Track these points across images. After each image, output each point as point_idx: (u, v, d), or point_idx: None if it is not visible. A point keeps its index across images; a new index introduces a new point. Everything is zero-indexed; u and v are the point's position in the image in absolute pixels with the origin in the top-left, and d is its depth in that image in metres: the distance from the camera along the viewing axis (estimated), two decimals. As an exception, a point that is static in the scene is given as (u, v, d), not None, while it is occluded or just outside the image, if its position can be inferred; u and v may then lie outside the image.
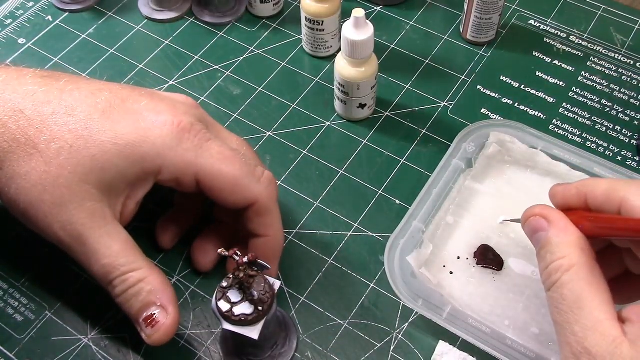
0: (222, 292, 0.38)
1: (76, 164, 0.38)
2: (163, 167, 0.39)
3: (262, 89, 0.60)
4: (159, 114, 0.40)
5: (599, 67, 0.61)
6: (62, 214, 0.38)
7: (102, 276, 0.39)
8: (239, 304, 0.37)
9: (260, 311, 0.37)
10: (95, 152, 0.38)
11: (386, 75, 0.61)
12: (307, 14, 0.59)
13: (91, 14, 0.67)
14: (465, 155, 0.52)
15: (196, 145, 0.40)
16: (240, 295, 0.37)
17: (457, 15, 0.65)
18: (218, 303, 0.37)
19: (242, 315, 0.37)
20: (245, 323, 0.37)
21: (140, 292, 0.39)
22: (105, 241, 0.39)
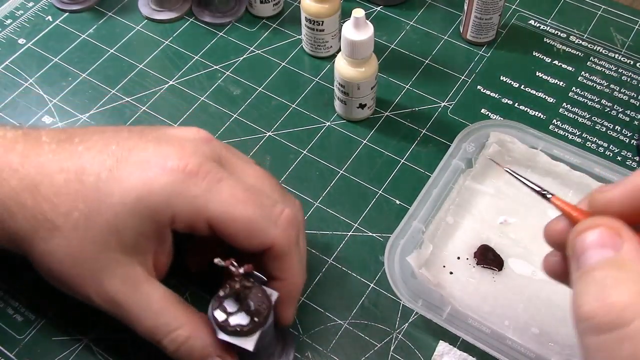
0: (218, 301, 0.38)
1: (95, 233, 0.38)
2: (175, 216, 0.38)
3: (262, 89, 0.60)
4: (165, 159, 0.39)
5: (599, 67, 0.61)
6: (95, 285, 0.38)
7: (149, 338, 0.39)
8: (235, 314, 0.37)
9: (256, 322, 0.37)
10: (108, 216, 0.38)
11: (386, 75, 0.61)
12: (307, 14, 0.59)
13: (91, 14, 0.67)
14: (465, 155, 0.52)
15: (205, 189, 0.38)
16: (236, 305, 0.37)
17: (457, 15, 0.65)
18: (214, 312, 0.37)
19: (237, 326, 0.37)
20: (240, 334, 0.37)
21: (192, 349, 0.38)
22: (143, 304, 0.38)
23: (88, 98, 0.60)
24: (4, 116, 0.58)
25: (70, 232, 0.38)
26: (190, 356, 0.38)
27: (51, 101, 0.59)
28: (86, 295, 0.39)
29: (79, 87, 0.60)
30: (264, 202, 0.40)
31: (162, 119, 0.58)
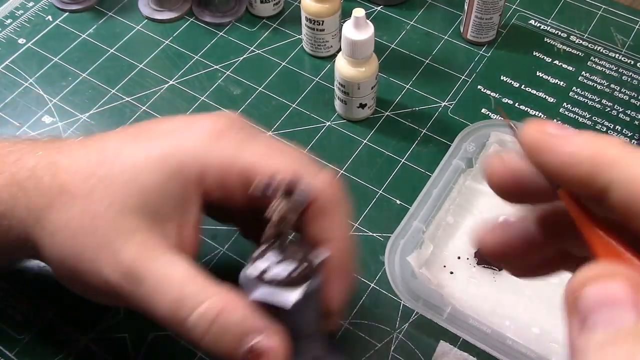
0: (252, 260, 0.31)
1: (112, 195, 0.33)
2: (204, 172, 0.34)
3: (262, 89, 0.60)
4: (194, 122, 0.35)
5: (600, 67, 0.61)
6: (109, 256, 0.32)
7: (172, 317, 0.31)
8: (272, 268, 0.30)
9: (298, 274, 0.29)
10: (129, 175, 0.33)
11: (386, 75, 0.61)
12: (308, 14, 0.59)
13: (91, 14, 0.67)
14: (466, 155, 0.52)
15: (238, 140, 0.34)
16: (274, 258, 0.30)
17: (457, 15, 0.65)
18: (246, 270, 0.30)
19: (275, 276, 0.29)
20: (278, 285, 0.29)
21: (228, 326, 0.30)
22: (164, 273, 0.32)
23: (88, 98, 0.60)
24: (4, 116, 0.58)
25: (86, 197, 0.33)
26: (225, 336, 0.30)
27: (51, 101, 0.59)
28: (98, 272, 0.32)
29: (79, 87, 0.60)
30: (304, 157, 0.35)
31: (162, 119, 0.58)
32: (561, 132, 0.23)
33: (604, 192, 0.22)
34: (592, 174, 0.22)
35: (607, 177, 0.22)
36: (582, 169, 0.22)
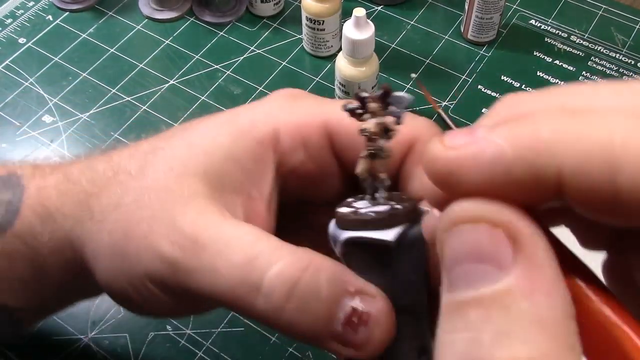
0: (345, 204, 0.25)
1: (171, 159, 0.28)
2: (279, 130, 0.28)
3: (262, 89, 0.60)
4: (268, 96, 0.31)
5: (600, 67, 0.61)
6: (165, 225, 0.26)
7: (241, 285, 0.24)
8: (368, 208, 0.25)
9: (399, 210, 0.24)
10: (194, 138, 0.28)
11: (387, 74, 0.60)
12: (308, 14, 0.59)
13: (91, 13, 0.67)
14: (466, 155, 0.52)
15: (317, 99, 0.30)
16: (370, 203, 0.25)
17: (457, 15, 0.65)
18: (338, 210, 0.25)
19: (371, 213, 0.24)
20: (376, 223, 0.24)
21: (318, 282, 0.23)
22: (230, 235, 0.25)
23: (88, 97, 0.60)
24: (4, 115, 0.58)
25: (141, 169, 0.29)
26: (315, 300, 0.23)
27: (51, 100, 0.59)
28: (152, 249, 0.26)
29: (79, 87, 0.60)
30: None
31: (163, 119, 0.58)
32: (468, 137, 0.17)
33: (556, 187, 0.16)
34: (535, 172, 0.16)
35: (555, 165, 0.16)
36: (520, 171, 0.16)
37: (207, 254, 0.25)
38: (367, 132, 0.24)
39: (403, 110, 0.25)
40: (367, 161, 0.25)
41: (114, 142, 0.56)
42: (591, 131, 0.16)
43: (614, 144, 0.15)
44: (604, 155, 0.15)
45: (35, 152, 0.56)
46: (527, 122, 0.17)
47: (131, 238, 0.27)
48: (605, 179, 0.15)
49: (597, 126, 0.16)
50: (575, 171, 0.16)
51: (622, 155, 0.15)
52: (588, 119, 0.16)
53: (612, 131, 0.15)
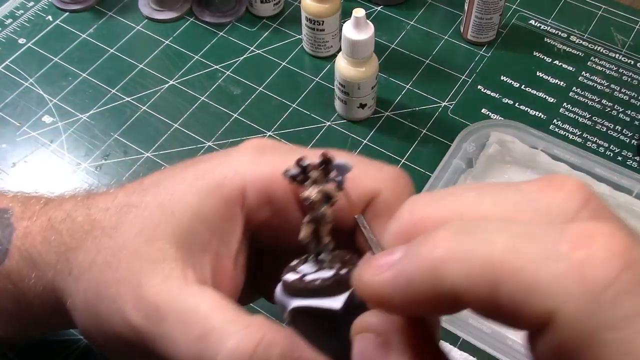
0: (290, 269, 0.27)
1: (142, 221, 0.29)
2: (246, 188, 0.29)
3: (262, 89, 0.60)
4: (240, 145, 0.31)
5: (600, 67, 0.61)
6: (131, 291, 0.27)
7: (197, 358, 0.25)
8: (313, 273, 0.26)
9: (344, 274, 0.24)
10: (163, 199, 0.29)
11: (386, 75, 0.61)
12: (308, 14, 0.59)
13: (91, 13, 0.67)
14: (466, 155, 0.52)
15: (284, 151, 0.30)
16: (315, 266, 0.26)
17: (457, 15, 0.65)
18: (284, 277, 0.26)
19: (317, 280, 0.25)
20: (322, 291, 0.25)
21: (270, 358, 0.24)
22: (188, 306, 0.26)
23: (88, 98, 0.60)
24: (4, 116, 0.58)
25: (115, 229, 0.29)
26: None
27: (51, 101, 0.59)
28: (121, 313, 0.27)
29: (79, 87, 0.60)
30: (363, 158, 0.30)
31: (162, 119, 0.58)
32: (388, 259, 0.20)
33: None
34: (436, 291, 0.19)
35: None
36: (425, 290, 0.19)
37: (167, 325, 0.26)
38: (309, 200, 0.25)
39: (344, 177, 0.25)
40: (310, 226, 0.26)
41: (112, 144, 0.56)
42: (475, 250, 0.18)
43: (494, 261, 0.17)
44: (486, 273, 0.17)
45: (35, 152, 0.56)
46: (427, 244, 0.19)
47: (102, 300, 0.28)
48: (488, 293, 0.17)
49: (480, 245, 0.18)
50: (465, 287, 0.18)
51: (500, 272, 0.17)
52: (474, 238, 0.18)
53: (492, 250, 0.18)
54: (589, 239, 0.17)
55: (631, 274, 0.17)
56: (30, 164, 0.55)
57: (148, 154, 0.56)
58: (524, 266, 0.17)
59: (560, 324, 0.17)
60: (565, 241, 0.17)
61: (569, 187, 0.20)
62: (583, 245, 0.17)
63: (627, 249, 0.17)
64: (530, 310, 0.17)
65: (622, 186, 0.50)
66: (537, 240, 0.18)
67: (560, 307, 0.17)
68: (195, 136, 0.57)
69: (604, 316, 0.17)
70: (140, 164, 0.55)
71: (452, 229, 0.19)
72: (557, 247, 0.17)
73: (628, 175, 0.51)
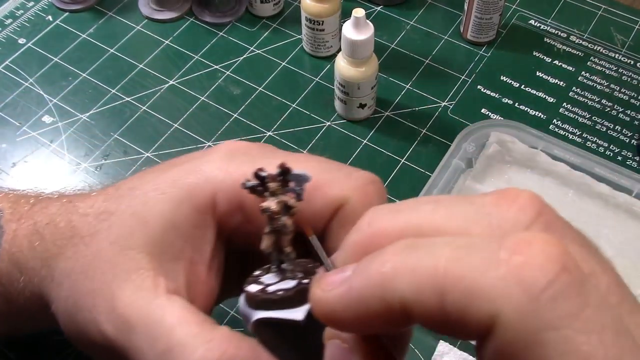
0: (253, 279, 0.27)
1: (117, 229, 0.29)
2: (217, 195, 0.29)
3: (262, 89, 0.60)
4: (212, 148, 0.31)
5: (600, 67, 0.61)
6: (104, 301, 0.28)
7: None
8: (276, 284, 0.26)
9: (306, 284, 0.24)
10: (137, 207, 0.29)
11: (386, 75, 0.61)
12: (307, 14, 0.59)
13: (91, 14, 0.67)
14: (466, 155, 0.52)
15: (254, 155, 0.30)
16: (277, 277, 0.26)
17: (457, 15, 0.65)
18: (246, 288, 0.26)
19: (279, 290, 0.25)
20: (285, 302, 0.25)
21: None
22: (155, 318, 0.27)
23: (88, 98, 0.60)
24: (4, 116, 0.58)
25: (92, 237, 0.30)
26: None
27: (51, 101, 0.59)
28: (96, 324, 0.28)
29: (79, 87, 0.60)
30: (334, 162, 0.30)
31: (162, 119, 0.58)
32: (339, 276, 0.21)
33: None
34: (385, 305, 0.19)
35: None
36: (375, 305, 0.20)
37: (136, 337, 0.26)
38: (269, 211, 0.25)
39: (303, 188, 0.25)
40: (271, 237, 0.25)
41: (112, 145, 0.56)
42: (421, 262, 0.19)
43: (438, 272, 0.18)
44: (432, 283, 0.18)
45: (35, 152, 0.56)
46: (376, 260, 0.20)
47: (80, 309, 0.29)
48: (435, 304, 0.18)
49: (425, 257, 0.19)
50: (413, 299, 0.18)
51: (444, 281, 0.18)
52: (421, 252, 0.19)
53: (437, 261, 0.18)
54: (527, 245, 0.18)
55: (568, 276, 0.18)
56: (30, 164, 0.56)
57: (148, 154, 0.56)
58: (466, 274, 0.18)
59: (503, 327, 0.17)
60: (505, 248, 0.18)
61: (521, 200, 0.20)
62: (521, 251, 0.18)
63: (563, 253, 0.18)
64: (474, 316, 0.18)
65: (622, 186, 0.50)
66: (479, 249, 0.18)
67: (502, 310, 0.17)
68: (195, 136, 0.57)
69: (543, 317, 0.17)
70: (140, 164, 0.55)
71: (400, 245, 0.20)
72: (497, 254, 0.18)
73: (628, 175, 0.51)
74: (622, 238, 0.48)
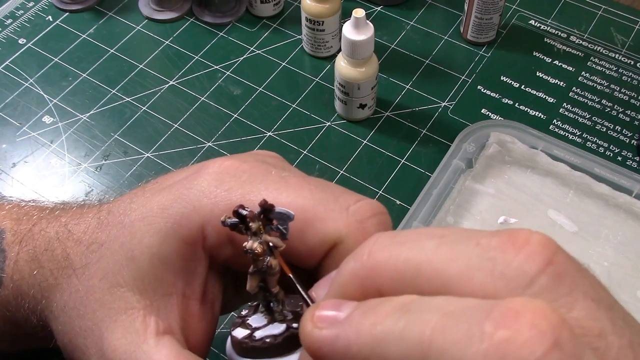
0: (240, 320, 0.26)
1: (107, 265, 0.28)
2: (205, 225, 0.27)
3: (262, 89, 0.60)
4: (202, 167, 0.29)
5: (600, 67, 0.61)
6: (95, 342, 0.27)
7: None
8: (263, 327, 0.25)
9: (295, 329, 0.24)
10: (124, 238, 0.28)
11: (386, 75, 0.61)
12: (308, 14, 0.59)
13: (91, 14, 0.67)
14: (466, 156, 0.52)
15: (244, 181, 0.28)
16: (265, 319, 0.25)
17: (457, 15, 0.65)
18: (233, 332, 0.26)
19: (266, 337, 0.24)
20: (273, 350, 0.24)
21: None
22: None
23: (88, 98, 0.60)
24: (4, 116, 0.58)
25: (83, 270, 0.29)
26: None
27: (51, 101, 0.59)
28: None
29: (79, 87, 0.60)
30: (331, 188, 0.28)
31: (162, 119, 0.58)
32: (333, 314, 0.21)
33: None
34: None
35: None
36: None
37: None
38: (251, 253, 0.23)
39: (287, 226, 0.24)
40: (257, 277, 0.24)
41: (112, 145, 0.56)
42: (410, 330, 0.18)
43: (423, 342, 0.18)
44: (417, 354, 0.18)
45: (35, 152, 0.56)
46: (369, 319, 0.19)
47: (74, 348, 0.29)
48: None
49: (414, 324, 0.18)
50: None
51: (429, 353, 0.17)
52: (412, 317, 0.18)
53: (424, 330, 0.18)
54: (515, 317, 0.17)
55: (558, 354, 0.16)
56: (30, 164, 0.56)
57: (148, 154, 0.56)
58: (449, 347, 0.17)
59: None
60: (491, 319, 0.17)
61: (531, 246, 0.19)
62: (508, 324, 0.17)
63: (556, 326, 0.16)
64: None
65: (622, 186, 0.50)
66: (465, 319, 0.17)
67: None
68: (195, 136, 0.57)
69: None
70: (140, 164, 0.55)
71: (394, 306, 0.19)
72: (481, 326, 0.17)
73: (628, 176, 0.51)
74: (622, 238, 0.49)
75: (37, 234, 0.32)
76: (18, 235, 0.33)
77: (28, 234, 0.32)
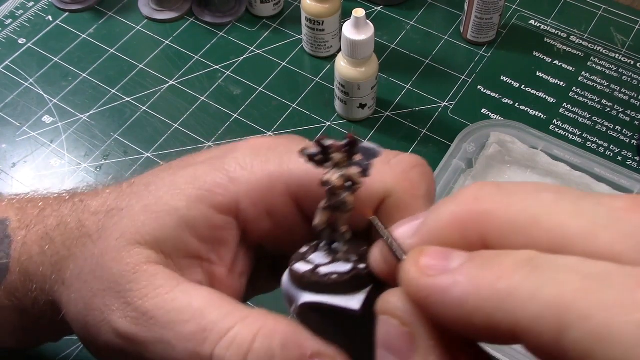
0: (300, 256, 0.24)
1: (125, 225, 0.27)
2: (240, 195, 0.26)
3: (262, 89, 0.60)
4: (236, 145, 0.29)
5: (600, 67, 0.61)
6: (117, 298, 0.26)
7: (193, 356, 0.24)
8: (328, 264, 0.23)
9: (362, 270, 0.22)
10: (149, 200, 0.27)
11: (386, 75, 0.61)
12: (308, 14, 0.59)
13: (91, 14, 0.67)
14: (466, 156, 0.52)
15: (281, 152, 0.27)
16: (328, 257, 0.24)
17: (457, 15, 0.65)
18: (293, 267, 0.24)
19: (332, 274, 0.22)
20: (337, 287, 0.22)
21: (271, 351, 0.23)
22: (180, 304, 0.25)
23: (88, 98, 0.60)
24: (4, 116, 0.58)
25: (100, 234, 0.28)
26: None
27: (51, 101, 0.59)
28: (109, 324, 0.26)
29: (79, 87, 0.60)
30: None
31: (162, 119, 0.58)
32: (442, 264, 0.18)
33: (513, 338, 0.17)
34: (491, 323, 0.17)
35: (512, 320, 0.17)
36: (479, 319, 0.17)
37: (158, 327, 0.25)
38: (329, 185, 0.22)
39: (370, 163, 0.23)
40: (327, 213, 0.23)
41: (112, 145, 0.56)
42: (544, 290, 0.16)
43: (562, 304, 0.16)
44: (553, 316, 0.16)
45: (35, 152, 0.56)
46: (491, 270, 0.17)
47: (90, 311, 0.27)
48: (553, 339, 0.16)
49: (549, 284, 0.16)
50: (527, 327, 0.16)
51: (568, 317, 0.16)
52: (544, 275, 0.16)
53: (562, 291, 0.16)
54: None
55: None
56: (30, 164, 0.56)
57: (148, 154, 0.56)
58: (596, 313, 0.15)
59: None
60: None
61: None
62: None
63: None
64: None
65: (622, 186, 0.50)
66: (613, 284, 0.16)
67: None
68: (195, 136, 0.57)
69: None
70: (140, 164, 0.55)
71: (521, 260, 0.17)
72: (634, 295, 0.15)
73: (628, 175, 0.51)
74: (622, 238, 0.48)
75: (49, 214, 0.31)
76: (24, 220, 0.32)
77: (37, 217, 0.32)
